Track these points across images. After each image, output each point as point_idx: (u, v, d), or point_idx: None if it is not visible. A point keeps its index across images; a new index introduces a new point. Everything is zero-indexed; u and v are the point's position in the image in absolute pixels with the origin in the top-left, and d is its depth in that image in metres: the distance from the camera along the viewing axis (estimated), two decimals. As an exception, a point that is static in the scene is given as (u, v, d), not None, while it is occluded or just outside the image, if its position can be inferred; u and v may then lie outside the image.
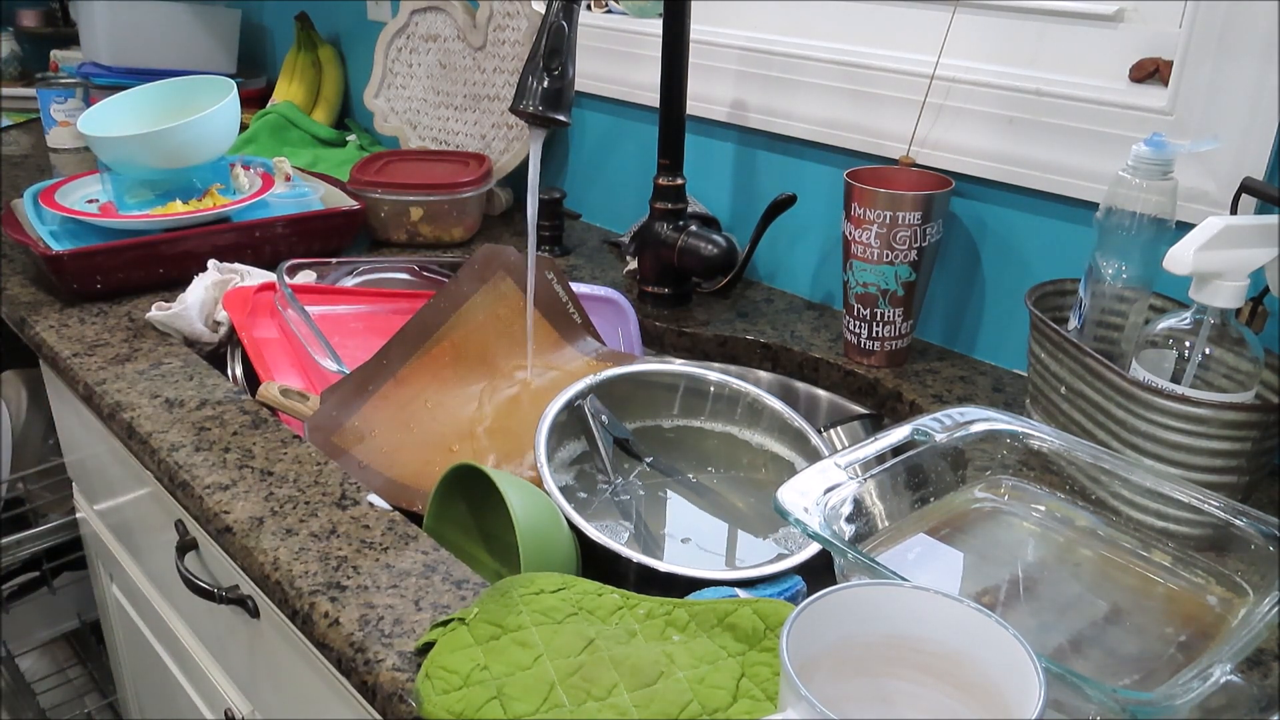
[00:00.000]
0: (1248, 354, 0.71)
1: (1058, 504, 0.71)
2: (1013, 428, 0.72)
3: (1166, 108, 0.84)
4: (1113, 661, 0.58)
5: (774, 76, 1.12)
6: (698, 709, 0.54)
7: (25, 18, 2.16)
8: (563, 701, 0.54)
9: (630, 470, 0.83)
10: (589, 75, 1.31)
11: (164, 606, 1.08)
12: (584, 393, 0.81)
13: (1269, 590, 0.57)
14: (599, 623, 0.60)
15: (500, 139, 1.45)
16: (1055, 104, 0.91)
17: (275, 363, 0.94)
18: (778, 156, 1.16)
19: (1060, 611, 0.63)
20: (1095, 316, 0.82)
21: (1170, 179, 0.77)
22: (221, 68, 1.84)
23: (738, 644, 0.58)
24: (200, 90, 1.37)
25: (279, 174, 1.36)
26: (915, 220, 0.92)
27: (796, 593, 0.66)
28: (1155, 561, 0.66)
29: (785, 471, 0.82)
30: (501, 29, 1.41)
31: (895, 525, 0.68)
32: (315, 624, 0.65)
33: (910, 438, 0.70)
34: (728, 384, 0.87)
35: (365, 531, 0.72)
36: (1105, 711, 0.49)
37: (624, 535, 0.76)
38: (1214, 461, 0.71)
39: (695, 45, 1.12)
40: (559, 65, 0.89)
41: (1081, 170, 0.90)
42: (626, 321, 1.05)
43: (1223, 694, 0.51)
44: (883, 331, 0.98)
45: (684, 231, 1.10)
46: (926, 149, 1.00)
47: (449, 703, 0.55)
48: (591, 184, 1.41)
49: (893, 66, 1.02)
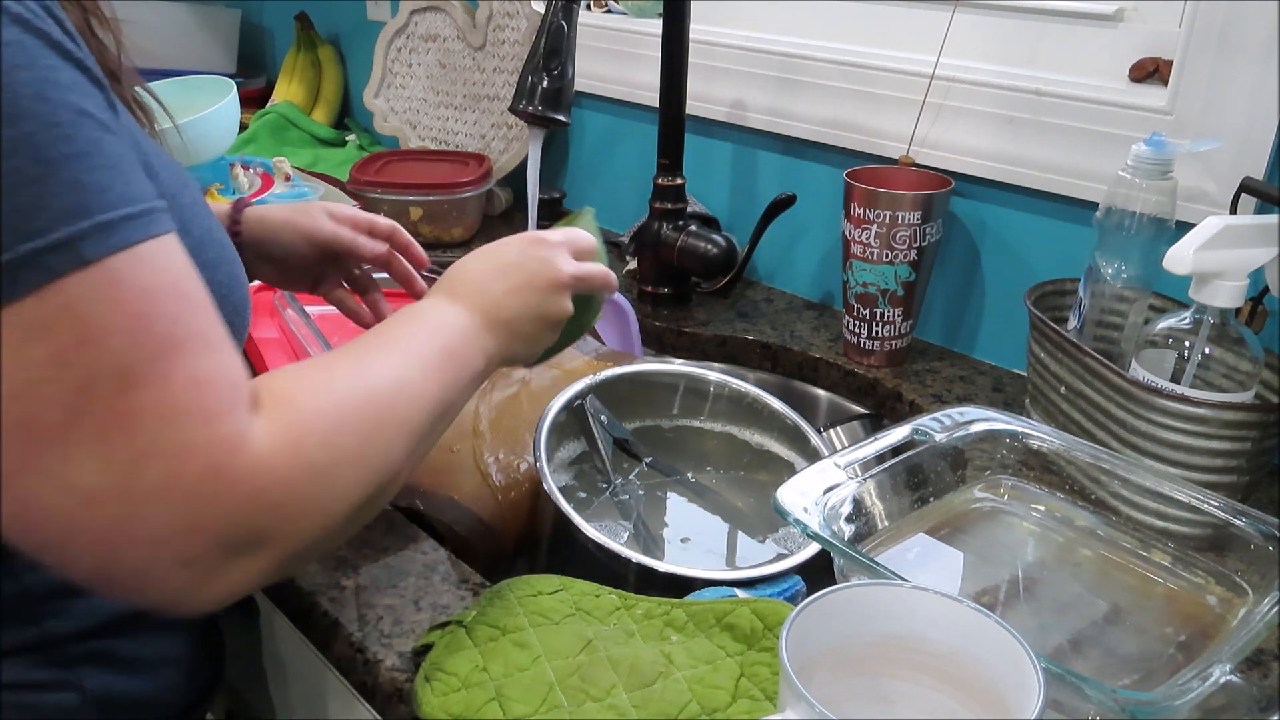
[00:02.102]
0: (1247, 354, 0.71)
1: (1057, 504, 0.71)
2: (1012, 428, 0.72)
3: (1166, 107, 0.84)
4: (1112, 661, 0.58)
5: (774, 76, 1.12)
6: (697, 709, 0.54)
7: (25, 18, 2.16)
8: (561, 702, 0.54)
9: (630, 470, 0.83)
10: (589, 75, 1.31)
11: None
12: (584, 392, 0.81)
13: (1269, 590, 0.57)
14: (597, 623, 0.60)
15: (500, 139, 1.45)
16: (1055, 104, 0.91)
17: (275, 363, 0.94)
18: (777, 156, 1.16)
19: (1060, 611, 0.63)
20: (1095, 316, 0.82)
21: (1170, 179, 0.77)
22: (221, 68, 1.83)
23: (736, 644, 0.58)
24: (200, 90, 1.37)
25: (279, 174, 1.36)
26: (915, 220, 0.92)
27: (796, 593, 0.66)
28: (1155, 561, 0.66)
29: (785, 471, 0.82)
30: (501, 29, 1.41)
31: (895, 525, 0.68)
32: (315, 624, 0.65)
33: (910, 438, 0.70)
34: (727, 384, 0.87)
35: (365, 531, 0.72)
36: (1105, 711, 0.49)
37: (623, 535, 0.76)
38: (1214, 461, 0.70)
39: (695, 45, 1.12)
40: (558, 65, 0.89)
41: (1081, 170, 0.90)
42: (626, 321, 1.05)
43: (1222, 694, 0.51)
44: (882, 331, 0.98)
45: (684, 231, 1.10)
46: (926, 149, 1.00)
47: (448, 704, 0.55)
48: (591, 184, 1.41)
49: (893, 66, 1.02)
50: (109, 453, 0.41)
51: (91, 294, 0.41)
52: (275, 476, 0.45)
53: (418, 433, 0.53)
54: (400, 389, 0.53)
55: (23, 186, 0.40)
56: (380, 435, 0.50)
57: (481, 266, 0.64)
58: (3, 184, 0.39)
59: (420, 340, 0.57)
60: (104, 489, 0.41)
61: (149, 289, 0.43)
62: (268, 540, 0.45)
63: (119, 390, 0.41)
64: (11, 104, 0.40)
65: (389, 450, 0.51)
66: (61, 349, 0.41)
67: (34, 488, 0.41)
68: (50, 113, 0.41)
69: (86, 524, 0.42)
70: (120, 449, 0.42)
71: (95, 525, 0.42)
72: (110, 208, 0.42)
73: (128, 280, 0.42)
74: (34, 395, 0.40)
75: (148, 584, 0.44)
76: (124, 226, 0.42)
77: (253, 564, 0.45)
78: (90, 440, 0.41)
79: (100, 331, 0.41)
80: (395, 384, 0.53)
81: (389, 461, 0.51)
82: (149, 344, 0.42)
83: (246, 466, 0.44)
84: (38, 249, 0.40)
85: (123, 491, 0.42)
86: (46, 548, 0.43)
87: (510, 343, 0.62)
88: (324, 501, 0.47)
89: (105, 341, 0.41)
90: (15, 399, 0.40)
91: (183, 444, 0.42)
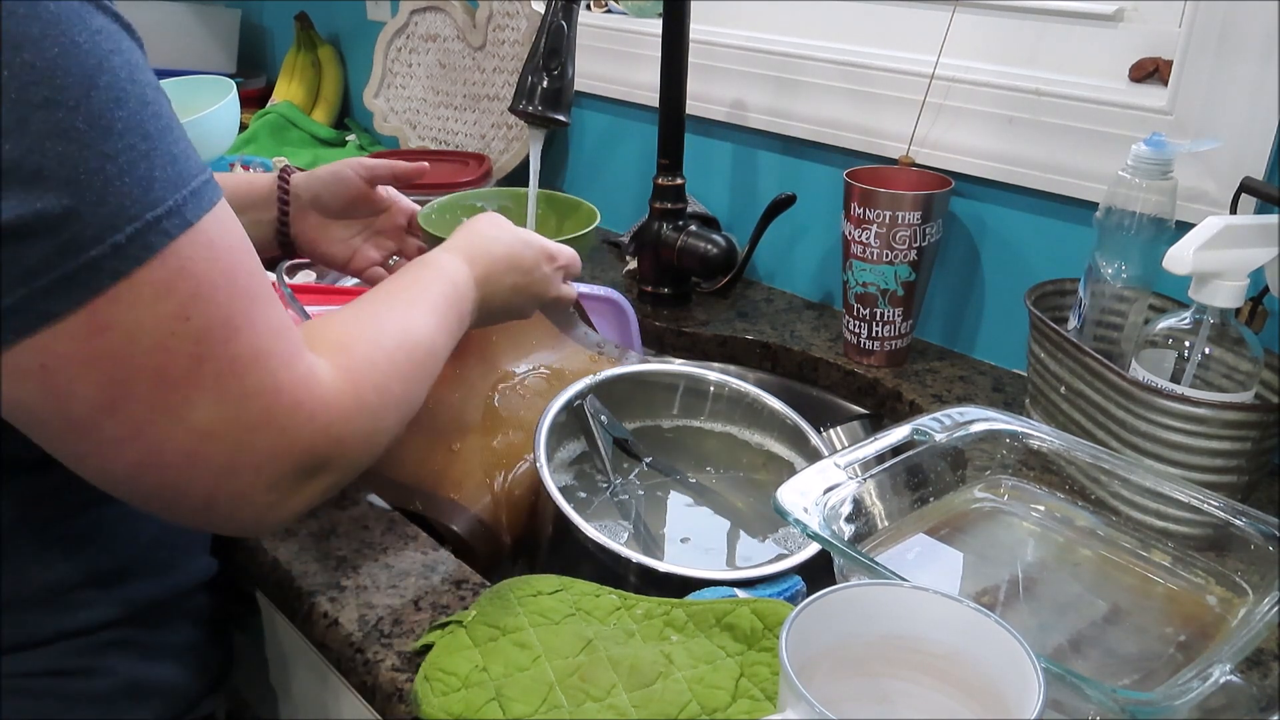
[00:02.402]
0: (1247, 354, 0.71)
1: (1057, 504, 0.71)
2: (1012, 428, 0.72)
3: (1166, 107, 0.84)
4: (1112, 661, 0.58)
5: (774, 76, 1.12)
6: (696, 709, 0.54)
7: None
8: (561, 702, 0.54)
9: (630, 470, 0.83)
10: (589, 75, 1.31)
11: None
12: (583, 392, 0.81)
13: (1269, 590, 0.57)
14: (597, 623, 0.60)
15: (500, 139, 1.45)
16: (1055, 104, 0.91)
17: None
18: (777, 156, 1.16)
19: (1060, 611, 0.63)
20: (1095, 316, 0.82)
21: (1170, 179, 0.77)
22: (221, 68, 1.83)
23: (736, 644, 0.58)
24: (200, 90, 1.37)
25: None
26: (915, 220, 0.92)
27: (796, 593, 0.66)
28: (1155, 561, 0.66)
29: (785, 471, 0.82)
30: (501, 29, 1.41)
31: (895, 525, 0.68)
32: (315, 624, 0.65)
33: (910, 438, 0.70)
34: (727, 384, 0.87)
35: (365, 532, 0.72)
36: (1105, 711, 0.49)
37: (623, 535, 0.76)
38: (1214, 461, 0.70)
39: (695, 45, 1.12)
40: (558, 65, 0.89)
41: (1081, 170, 0.90)
42: (626, 321, 1.05)
43: (1222, 694, 0.51)
44: (882, 331, 0.98)
45: (684, 231, 1.10)
46: (926, 149, 1.00)
47: (448, 704, 0.55)
48: (591, 184, 1.41)
49: (893, 66, 1.02)
50: (223, 393, 0.47)
51: (196, 253, 0.46)
52: (341, 413, 0.52)
53: (434, 376, 0.63)
54: (432, 346, 0.62)
55: (138, 162, 0.44)
56: (416, 384, 0.60)
57: (503, 251, 0.74)
58: (122, 162, 0.44)
59: (446, 303, 0.66)
60: (219, 426, 0.47)
61: (231, 246, 0.49)
62: (330, 466, 0.52)
63: (226, 338, 0.47)
64: (116, 87, 0.44)
65: (418, 396, 0.61)
66: (183, 304, 0.46)
67: (164, 431, 0.47)
68: (142, 93, 0.45)
69: (205, 458, 0.48)
70: (231, 389, 0.47)
71: (213, 458, 0.48)
72: (193, 175, 0.47)
73: (217, 239, 0.48)
74: (165, 348, 0.46)
75: (242, 506, 0.50)
76: (205, 190, 0.48)
77: (316, 487, 0.52)
78: (209, 383, 0.47)
79: (209, 286, 0.47)
80: (430, 341, 0.62)
81: (416, 405, 0.60)
82: (241, 296, 0.48)
83: (321, 402, 0.51)
84: (159, 216, 0.45)
85: (233, 427, 0.48)
86: (163, 489, 0.49)
87: (481, 322, 0.73)
88: (373, 436, 0.55)
89: (213, 295, 0.47)
90: (150, 352, 0.45)
91: (274, 382, 0.49)
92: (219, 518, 0.51)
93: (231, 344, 0.47)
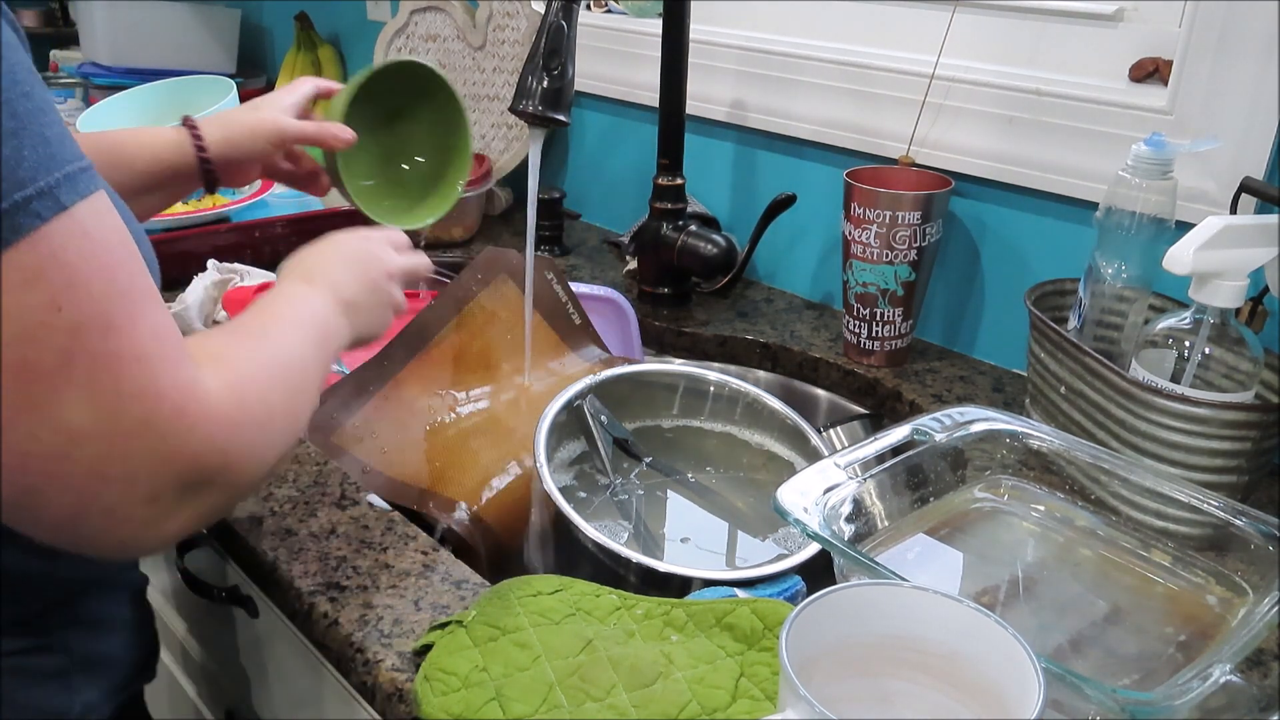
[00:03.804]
0: (1247, 354, 0.71)
1: (1057, 504, 0.71)
2: (1012, 428, 0.72)
3: (1166, 107, 0.84)
4: (1112, 661, 0.58)
5: (774, 76, 1.12)
6: (696, 709, 0.54)
7: (25, 18, 2.16)
8: (561, 702, 0.54)
9: (630, 470, 0.83)
10: (589, 75, 1.31)
11: (164, 606, 1.07)
12: (583, 393, 0.81)
13: (1269, 590, 0.57)
14: (597, 623, 0.60)
15: (500, 139, 1.45)
16: (1055, 104, 0.91)
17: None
18: (777, 156, 1.16)
19: (1060, 611, 0.63)
20: (1095, 316, 0.82)
21: (1170, 179, 0.77)
22: (221, 68, 1.83)
23: (736, 644, 0.58)
24: (200, 90, 1.37)
25: (279, 174, 1.36)
26: (915, 220, 0.92)
27: (796, 593, 0.66)
28: (1155, 561, 0.66)
29: (785, 471, 0.82)
30: (501, 29, 1.41)
31: (895, 525, 0.68)
32: (315, 624, 0.65)
33: (910, 438, 0.70)
34: (727, 384, 0.87)
35: (364, 532, 0.72)
36: (1105, 711, 0.49)
37: (624, 535, 0.76)
38: (1214, 461, 0.70)
39: (695, 45, 1.12)
40: (558, 65, 0.89)
41: (1081, 170, 0.90)
42: (626, 321, 1.05)
43: (1222, 694, 0.51)
44: (882, 331, 0.98)
45: (684, 231, 1.10)
46: (926, 149, 1.00)
47: (448, 704, 0.55)
48: (591, 184, 1.41)
49: (893, 66, 1.02)
50: (96, 394, 0.44)
51: (70, 242, 0.43)
52: (226, 422, 0.49)
53: (312, 401, 0.60)
54: (304, 363, 0.60)
55: (4, 141, 0.42)
56: (296, 399, 0.58)
57: (330, 258, 0.71)
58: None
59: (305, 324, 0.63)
60: (90, 428, 0.44)
61: (110, 241, 0.46)
62: (215, 482, 0.49)
63: (101, 334, 0.44)
64: None
65: (302, 412, 0.58)
66: (54, 294, 0.43)
67: (28, 429, 0.43)
68: (11, 70, 0.43)
69: (73, 462, 0.44)
70: (105, 390, 0.44)
71: (81, 462, 0.45)
72: (69, 161, 0.44)
73: (93, 230, 0.45)
74: (33, 339, 0.43)
75: (115, 522, 0.47)
76: (82, 178, 0.45)
77: (199, 504, 0.49)
78: (81, 381, 0.44)
79: (83, 277, 0.44)
80: (301, 358, 0.60)
81: (299, 422, 0.58)
82: (119, 293, 0.45)
83: (203, 410, 0.48)
84: (28, 196, 0.42)
85: (107, 430, 0.45)
86: (27, 494, 0.45)
87: (357, 323, 0.70)
88: (260, 450, 0.52)
89: (89, 287, 0.44)
90: (16, 343, 0.42)
91: (154, 387, 0.46)
92: (90, 532, 0.47)
93: (108, 341, 0.44)
